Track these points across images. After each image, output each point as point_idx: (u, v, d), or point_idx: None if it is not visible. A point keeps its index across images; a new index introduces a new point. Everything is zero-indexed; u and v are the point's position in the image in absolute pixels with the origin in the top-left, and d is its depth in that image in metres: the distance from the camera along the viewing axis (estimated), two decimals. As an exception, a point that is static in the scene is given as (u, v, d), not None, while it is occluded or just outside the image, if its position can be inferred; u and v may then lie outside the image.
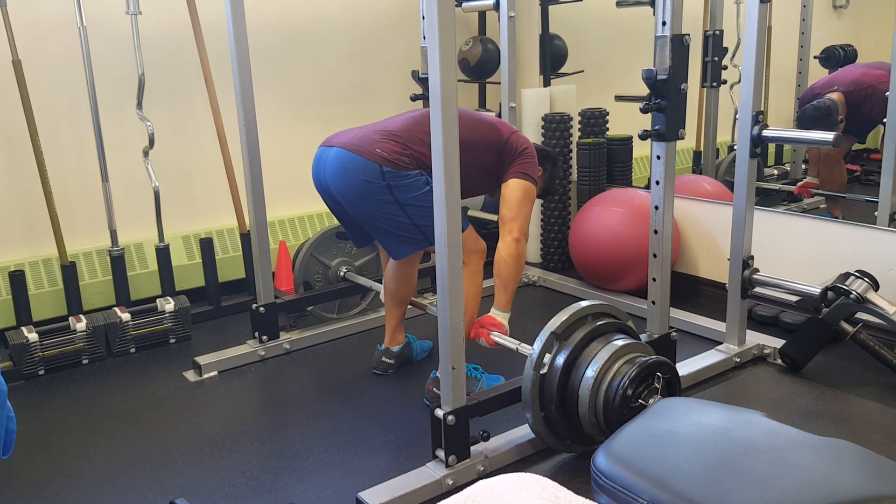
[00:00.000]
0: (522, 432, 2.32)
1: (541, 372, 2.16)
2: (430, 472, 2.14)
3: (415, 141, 2.44)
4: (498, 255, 2.54)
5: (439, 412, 2.12)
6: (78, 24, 3.14)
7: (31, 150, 3.12)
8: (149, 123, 3.30)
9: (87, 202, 3.41)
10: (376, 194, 2.42)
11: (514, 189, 2.56)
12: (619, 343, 2.17)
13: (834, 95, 3.95)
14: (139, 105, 3.30)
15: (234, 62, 2.84)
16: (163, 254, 3.43)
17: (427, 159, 2.13)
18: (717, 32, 4.06)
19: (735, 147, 2.96)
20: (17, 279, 3.13)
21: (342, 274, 3.32)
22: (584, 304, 2.27)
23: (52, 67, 3.27)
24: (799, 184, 4.40)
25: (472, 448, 2.19)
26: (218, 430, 2.55)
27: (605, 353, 2.14)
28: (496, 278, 2.57)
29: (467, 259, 2.48)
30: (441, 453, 2.15)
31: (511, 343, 2.49)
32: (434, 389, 2.55)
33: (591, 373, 2.12)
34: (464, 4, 3.93)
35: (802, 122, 3.98)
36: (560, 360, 2.15)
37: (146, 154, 3.34)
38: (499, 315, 2.59)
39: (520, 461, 2.28)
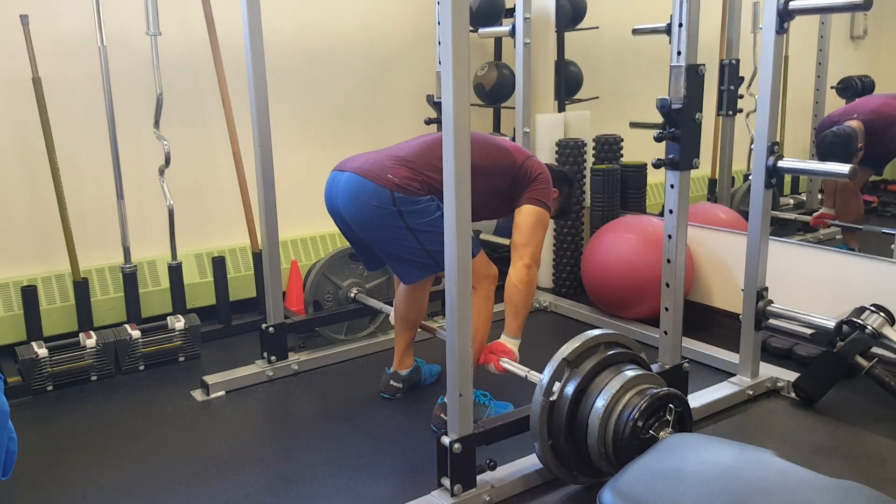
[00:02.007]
0: (529, 462, 2.29)
1: (550, 399, 2.13)
2: (435, 501, 2.11)
3: (427, 167, 2.44)
4: (509, 281, 2.52)
5: (445, 440, 2.10)
6: (98, 44, 3.18)
7: (47, 167, 3.15)
8: (165, 142, 3.33)
9: (101, 219, 3.43)
10: (387, 220, 2.42)
11: (526, 215, 2.55)
12: (631, 373, 2.15)
13: (854, 123, 3.89)
14: (156, 124, 3.33)
15: (251, 84, 2.86)
16: (175, 272, 3.44)
17: (439, 185, 2.12)
18: (734, 62, 4.06)
19: (750, 176, 2.93)
20: (29, 294, 3.14)
21: (353, 295, 3.32)
22: (596, 332, 2.24)
23: (71, 85, 3.31)
24: (815, 214, 4.35)
25: (479, 477, 2.16)
26: (223, 451, 2.54)
27: (615, 384, 2.11)
28: (507, 304, 2.55)
29: (478, 284, 2.47)
30: (447, 482, 2.12)
31: (520, 370, 2.46)
32: (442, 415, 2.52)
33: (601, 403, 2.09)
34: (480, 31, 3.95)
35: (821, 148, 3.91)
36: (570, 388, 2.13)
37: (162, 172, 3.37)
38: (509, 341, 2.57)
39: (526, 492, 2.25)
